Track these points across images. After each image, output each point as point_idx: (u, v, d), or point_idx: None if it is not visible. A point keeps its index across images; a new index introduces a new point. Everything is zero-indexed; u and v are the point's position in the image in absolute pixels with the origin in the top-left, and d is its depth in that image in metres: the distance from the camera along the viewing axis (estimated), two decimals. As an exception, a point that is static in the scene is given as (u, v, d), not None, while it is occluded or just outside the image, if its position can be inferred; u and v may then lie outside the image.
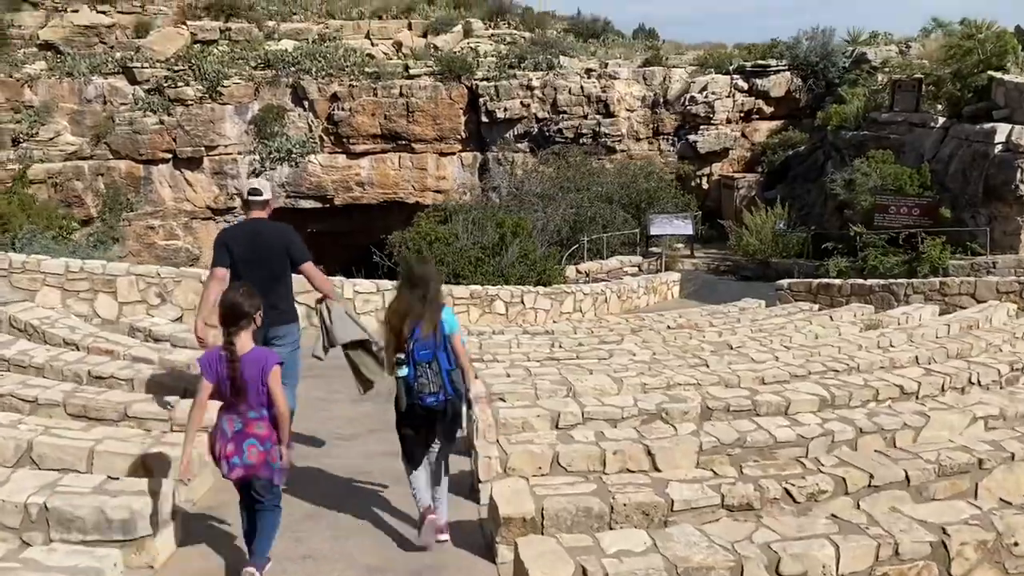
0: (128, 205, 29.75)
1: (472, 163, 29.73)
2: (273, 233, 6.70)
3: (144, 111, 29.40)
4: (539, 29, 32.12)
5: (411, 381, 5.34)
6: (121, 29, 31.06)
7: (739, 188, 28.24)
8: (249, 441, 4.89)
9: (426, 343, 5.36)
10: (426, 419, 5.44)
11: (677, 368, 9.00)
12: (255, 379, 4.88)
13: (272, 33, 31.13)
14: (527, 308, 14.27)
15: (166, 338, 9.73)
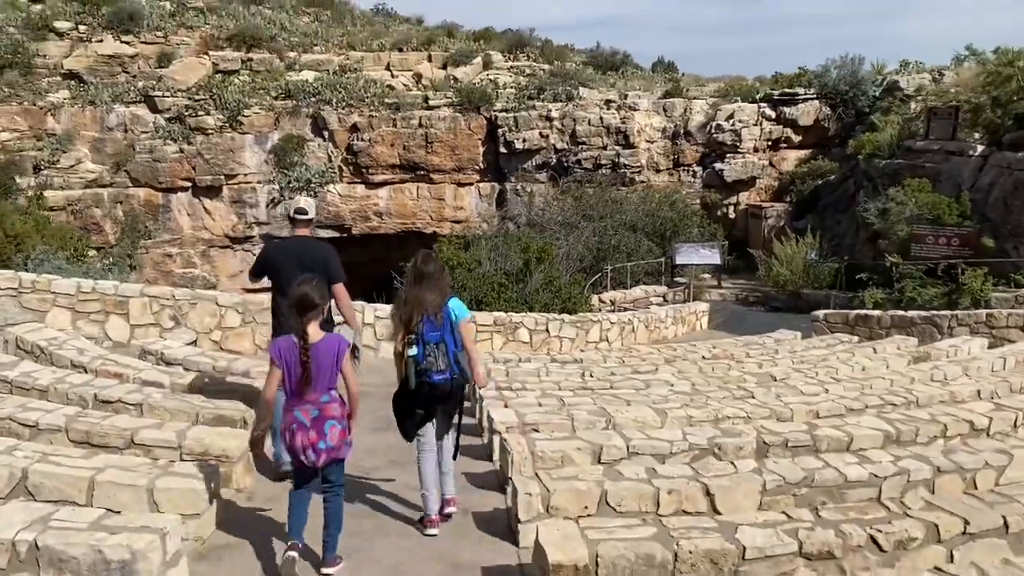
0: (146, 233, 29.34)
1: (490, 193, 29.21)
2: (316, 250, 6.97)
3: (164, 139, 29.10)
4: (558, 62, 31.72)
5: (420, 360, 5.67)
6: (144, 59, 30.83)
7: (767, 218, 27.40)
8: (330, 423, 5.04)
9: (434, 326, 5.72)
10: (430, 397, 5.73)
11: (722, 400, 8.29)
12: (329, 365, 5.05)
13: (293, 64, 30.84)
14: (552, 336, 13.59)
15: (179, 362, 9.09)
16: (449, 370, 5.71)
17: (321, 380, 5.05)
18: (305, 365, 5.00)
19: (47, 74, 30.11)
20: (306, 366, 5.00)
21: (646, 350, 11.84)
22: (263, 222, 29.58)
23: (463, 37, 33.26)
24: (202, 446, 6.31)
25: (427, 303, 5.75)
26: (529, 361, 10.72)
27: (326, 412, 5.05)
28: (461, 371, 5.79)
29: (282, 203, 29.45)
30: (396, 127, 28.71)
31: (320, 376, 5.04)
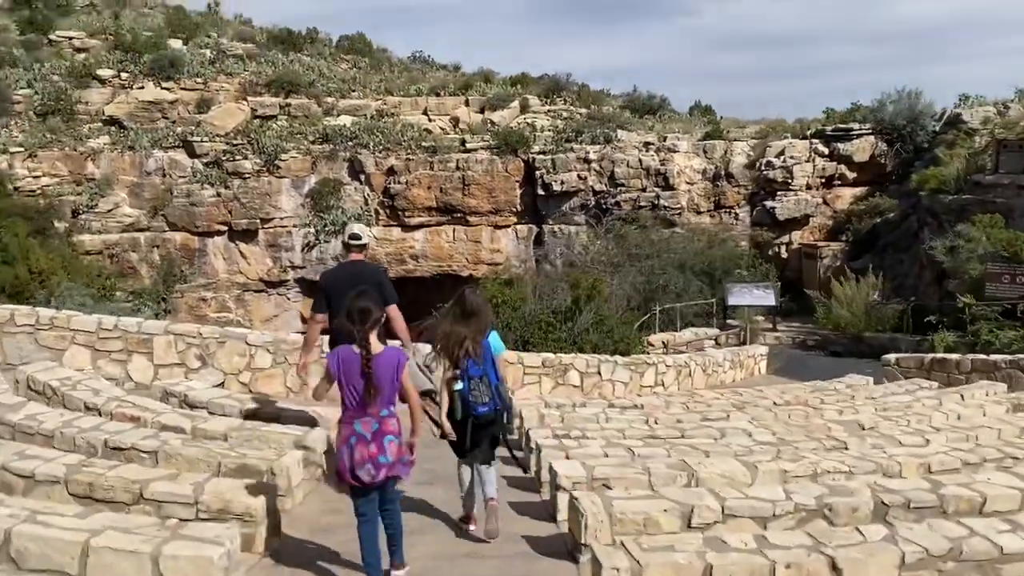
0: (181, 277, 28.75)
1: (527, 236, 28.32)
2: (369, 272, 7.06)
3: (202, 184, 28.69)
4: (595, 105, 30.98)
5: (466, 394, 5.86)
6: (183, 105, 30.56)
7: (823, 257, 25.76)
8: (388, 438, 4.90)
9: (476, 362, 5.91)
10: (476, 427, 5.93)
11: (813, 451, 7.13)
12: (389, 377, 4.90)
13: (331, 109, 30.39)
14: (604, 380, 12.44)
15: (203, 404, 8.10)
16: (492, 402, 5.90)
17: (382, 392, 4.90)
18: (368, 376, 4.84)
19: (88, 120, 29.92)
20: (369, 377, 4.84)
21: (710, 395, 10.69)
22: (298, 266, 28.88)
23: (499, 83, 32.65)
24: (222, 502, 5.30)
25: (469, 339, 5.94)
26: (584, 406, 9.60)
27: (385, 426, 4.91)
28: (503, 401, 5.99)
29: (317, 246, 28.79)
30: (433, 170, 28.02)
31: (382, 388, 4.88)
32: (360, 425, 4.89)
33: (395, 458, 4.92)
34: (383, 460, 4.86)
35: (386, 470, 4.88)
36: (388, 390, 4.93)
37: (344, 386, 4.90)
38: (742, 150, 27.12)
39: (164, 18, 34.33)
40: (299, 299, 29.51)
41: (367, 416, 4.90)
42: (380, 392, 4.87)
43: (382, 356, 4.94)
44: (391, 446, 4.90)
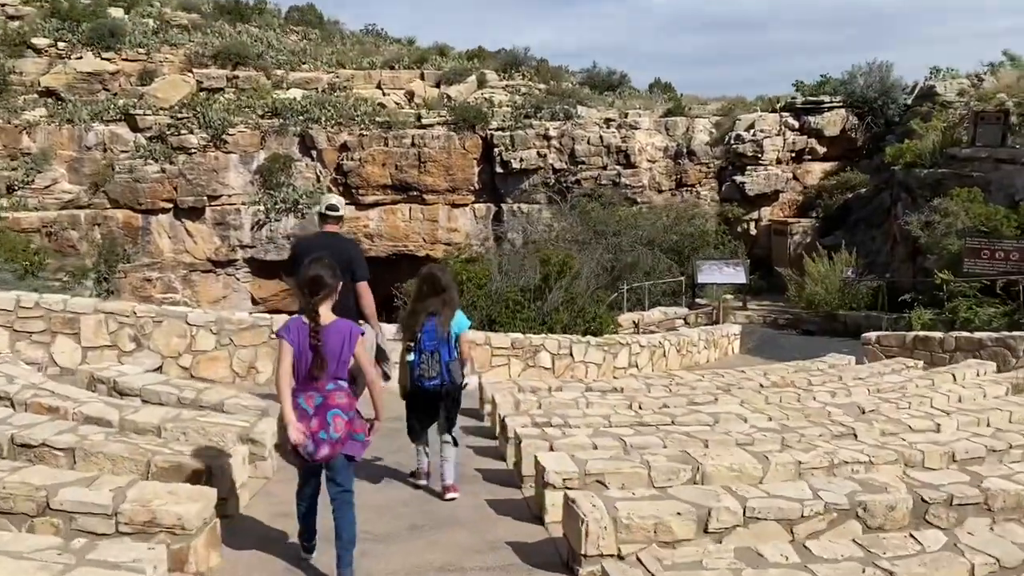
0: (125, 256, 27.25)
1: (486, 215, 27.35)
2: (342, 246, 6.90)
3: (145, 159, 27.14)
4: (554, 81, 30.03)
5: (415, 367, 5.97)
6: (125, 76, 28.91)
7: (793, 234, 25.01)
8: (333, 412, 4.57)
9: (432, 336, 5.97)
10: (425, 400, 6.08)
11: (820, 438, 6.36)
12: (337, 349, 4.61)
13: (280, 82, 28.99)
14: (576, 361, 11.66)
15: (135, 392, 7.07)
16: (440, 377, 5.97)
17: (332, 365, 4.60)
18: (316, 348, 4.54)
19: (23, 92, 28.09)
20: (317, 349, 4.54)
21: (691, 377, 9.91)
22: (247, 245, 27.57)
23: (455, 57, 31.52)
24: (148, 512, 4.33)
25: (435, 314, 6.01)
26: (561, 390, 8.76)
27: (331, 400, 4.58)
28: (451, 379, 6.00)
29: (267, 225, 27.50)
30: (388, 146, 26.87)
31: (330, 360, 4.58)
32: (303, 399, 4.56)
33: (343, 434, 4.54)
34: (323, 436, 4.49)
35: (328, 447, 4.50)
36: (335, 363, 4.61)
37: (296, 358, 4.58)
38: (704, 127, 26.43)
39: (104, -14, 32.39)
40: (248, 279, 28.24)
41: (311, 390, 4.58)
42: (326, 364, 4.56)
43: (331, 327, 4.63)
44: (337, 420, 4.54)
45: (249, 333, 9.32)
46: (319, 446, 4.48)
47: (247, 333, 9.28)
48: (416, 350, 5.97)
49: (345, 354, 4.64)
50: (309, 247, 6.70)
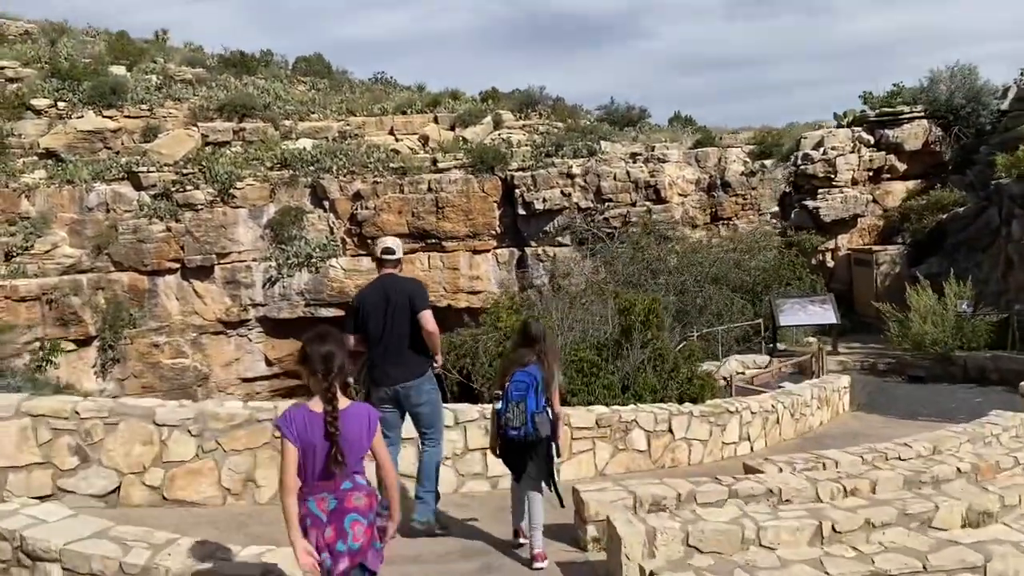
0: (130, 321, 24.83)
1: (508, 260, 24.86)
2: (400, 284, 6.60)
3: (150, 218, 24.90)
4: (571, 119, 27.70)
5: (501, 415, 5.98)
6: (128, 133, 26.82)
7: (879, 264, 21.43)
8: (351, 517, 3.85)
9: (520, 387, 5.89)
10: (512, 449, 6.00)
11: None
12: (357, 439, 3.90)
13: (289, 133, 26.83)
14: (677, 440, 8.97)
15: (52, 556, 4.37)
16: (524, 427, 5.84)
17: (352, 460, 3.89)
18: (333, 438, 3.79)
19: (22, 154, 25.95)
20: (335, 441, 3.79)
21: (846, 461, 7.16)
22: (260, 303, 25.15)
23: (469, 100, 29.29)
24: None
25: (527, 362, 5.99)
26: (697, 500, 5.95)
27: (347, 503, 3.86)
28: (536, 430, 5.85)
29: (280, 281, 25.04)
30: (403, 193, 24.52)
31: (351, 454, 3.87)
32: (314, 503, 3.83)
33: (363, 543, 3.82)
34: (341, 548, 3.78)
35: (347, 560, 3.79)
36: (355, 456, 3.89)
37: (303, 454, 3.80)
38: (738, 157, 23.92)
39: (106, 45, 30.44)
40: (262, 339, 25.72)
41: (324, 491, 3.84)
42: (346, 458, 3.82)
43: (349, 412, 3.91)
44: (355, 527, 3.83)
45: (244, 432, 6.72)
46: (337, 561, 3.81)
47: (241, 432, 6.69)
48: (504, 399, 5.93)
49: (365, 444, 3.97)
50: (367, 296, 6.55)
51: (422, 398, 6.42)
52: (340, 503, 3.84)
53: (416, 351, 6.40)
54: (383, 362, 6.42)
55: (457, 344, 13.24)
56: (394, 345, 6.35)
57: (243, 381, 25.78)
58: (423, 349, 6.40)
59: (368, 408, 4.13)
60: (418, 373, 6.40)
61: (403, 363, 6.33)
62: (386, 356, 6.40)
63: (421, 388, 6.41)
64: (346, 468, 3.86)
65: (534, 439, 5.79)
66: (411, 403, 6.42)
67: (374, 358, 6.42)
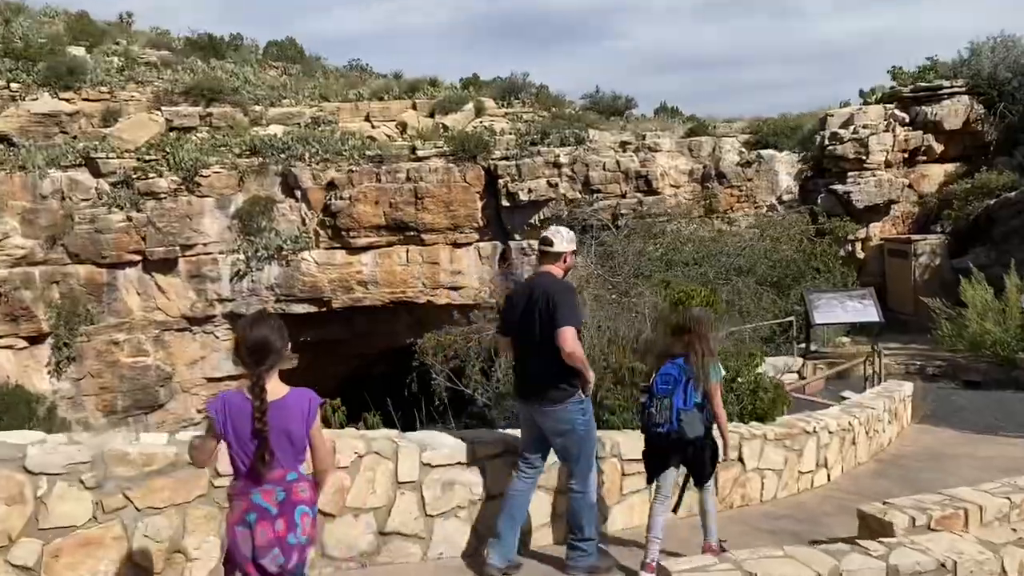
0: (88, 317, 22.49)
1: (491, 254, 22.89)
2: (547, 287, 5.36)
3: (109, 207, 22.64)
4: (556, 108, 25.68)
5: (646, 409, 5.53)
6: (86, 117, 24.38)
7: (918, 255, 19.04)
8: (300, 509, 3.56)
9: (667, 380, 5.43)
10: (658, 446, 5.50)
11: None
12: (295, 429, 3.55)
13: (259, 118, 24.62)
14: (748, 471, 7.04)
15: None
16: (667, 424, 5.39)
17: (287, 451, 3.55)
18: (260, 434, 3.45)
19: (-30, 139, 23.35)
20: (262, 434, 3.45)
21: (994, 505, 5.25)
22: (227, 298, 22.95)
23: (449, 86, 27.13)
24: None
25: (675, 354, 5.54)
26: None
27: (295, 495, 3.56)
28: (680, 429, 5.34)
29: (248, 275, 22.75)
30: (380, 182, 22.41)
31: (285, 445, 3.53)
32: (261, 496, 3.51)
33: (311, 535, 3.59)
34: (293, 540, 3.49)
35: (298, 553, 3.51)
36: (296, 447, 3.58)
37: (234, 446, 3.51)
38: (732, 147, 22.04)
39: (65, 26, 27.86)
40: (229, 337, 23.41)
41: (269, 483, 3.52)
42: (280, 451, 3.51)
43: (287, 400, 3.58)
44: (304, 520, 3.54)
45: (168, 481, 4.55)
46: (290, 555, 3.45)
47: (163, 482, 4.53)
48: (649, 393, 5.52)
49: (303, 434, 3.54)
50: (513, 293, 5.86)
51: (559, 427, 5.30)
52: (288, 495, 3.54)
53: (557, 371, 5.20)
54: (519, 376, 5.54)
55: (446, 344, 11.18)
56: (531, 358, 5.35)
57: (209, 381, 23.53)
58: (567, 369, 5.18)
59: (309, 395, 3.69)
60: (555, 399, 5.25)
61: (539, 382, 5.29)
62: (523, 370, 5.48)
63: (559, 416, 5.26)
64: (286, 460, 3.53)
65: (678, 439, 5.27)
66: (548, 431, 5.38)
67: (514, 368, 5.65)
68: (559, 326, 5.10)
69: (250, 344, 3.58)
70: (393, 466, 5.27)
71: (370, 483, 5.15)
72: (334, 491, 4.70)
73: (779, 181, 21.53)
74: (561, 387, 5.25)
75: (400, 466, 5.30)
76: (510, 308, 5.57)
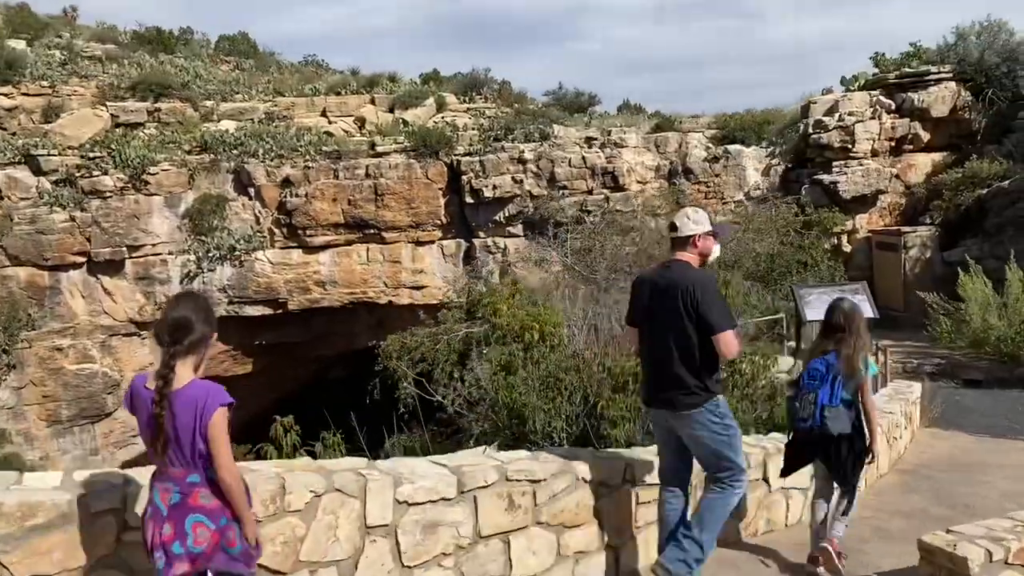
0: (29, 323, 20.86)
1: (455, 252, 21.75)
2: (678, 277, 4.62)
3: (51, 206, 21.16)
4: (518, 105, 24.62)
5: (792, 403, 5.32)
6: (26, 113, 22.74)
7: (908, 247, 17.93)
8: (194, 518, 3.15)
9: (814, 375, 5.18)
10: (799, 441, 5.30)
11: None
12: (189, 426, 3.10)
13: (210, 114, 23.19)
14: (774, 492, 6.14)
15: None
16: (811, 419, 5.09)
17: (185, 448, 3.11)
18: (158, 419, 3.09)
19: (-99, 137, 21.53)
20: (159, 420, 3.09)
21: None
22: (177, 301, 21.22)
23: (408, 82, 25.88)
24: None
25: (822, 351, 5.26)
26: None
27: (192, 500, 3.16)
28: (823, 424, 5.02)
29: (199, 276, 21.28)
30: (338, 179, 21.19)
31: (183, 441, 3.09)
32: (157, 494, 3.20)
33: (207, 547, 3.12)
34: (179, 550, 3.10)
35: (187, 564, 3.09)
36: (188, 443, 3.12)
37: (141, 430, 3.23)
38: (699, 142, 21.21)
39: (3, 18, 26.03)
40: (180, 341, 21.80)
41: (168, 480, 3.18)
42: (168, 445, 3.12)
43: (186, 391, 3.14)
44: (197, 529, 3.12)
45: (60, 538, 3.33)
46: (172, 562, 3.07)
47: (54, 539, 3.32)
48: (796, 387, 5.27)
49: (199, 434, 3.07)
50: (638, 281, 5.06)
51: (697, 432, 4.63)
52: (184, 498, 3.16)
53: (697, 370, 4.57)
54: (651, 378, 4.82)
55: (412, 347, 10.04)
56: (658, 356, 4.66)
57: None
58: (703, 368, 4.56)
59: (207, 389, 3.15)
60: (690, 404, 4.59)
61: (670, 384, 4.62)
62: (651, 369, 4.81)
63: (695, 420, 4.59)
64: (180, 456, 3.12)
65: (820, 435, 5.01)
66: (684, 436, 4.73)
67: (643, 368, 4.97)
68: (715, 330, 4.46)
69: (170, 322, 3.25)
70: (360, 507, 4.10)
71: (331, 529, 4.00)
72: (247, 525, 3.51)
73: (747, 176, 20.78)
74: (701, 389, 4.61)
75: (369, 506, 4.13)
76: (637, 296, 4.96)
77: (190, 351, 3.20)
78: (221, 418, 3.13)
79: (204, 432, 3.10)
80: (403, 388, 9.00)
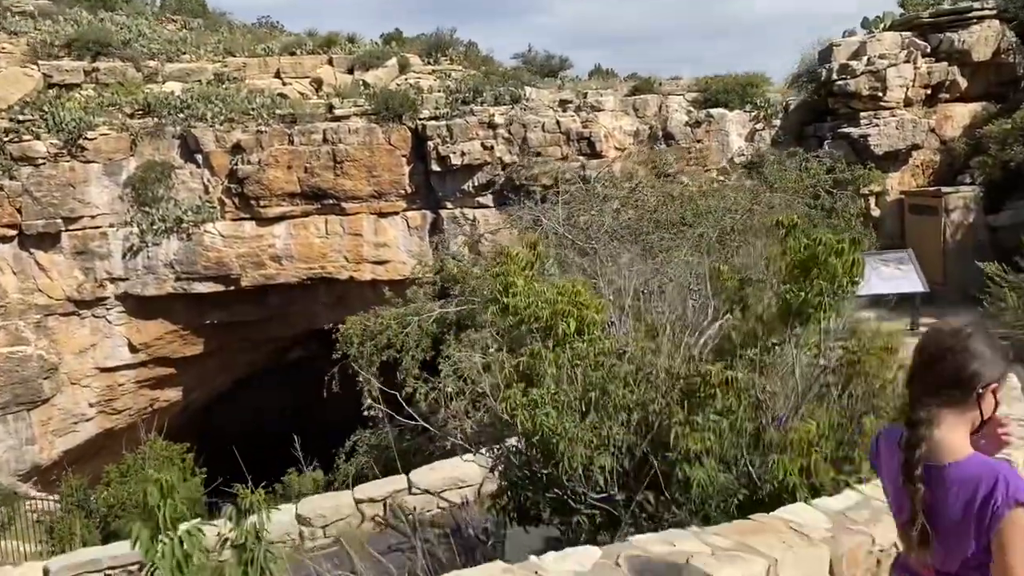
0: (-47, 301, 18.63)
1: (421, 224, 20.06)
2: None
3: (-25, 175, 18.57)
4: (486, 67, 22.78)
5: None
6: (-53, 72, 20.10)
7: (950, 211, 15.44)
8: None
9: None
10: None
11: None
12: (965, 517, 2.17)
13: (154, 74, 21.10)
14: None
15: None
16: None
17: (949, 541, 2.21)
18: (913, 501, 2.21)
19: None
20: (914, 504, 2.21)
21: None
22: (120, 277, 19.60)
23: (368, 43, 23.88)
24: None
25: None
26: None
27: None
28: None
29: (144, 251, 19.30)
30: (293, 144, 19.32)
31: (945, 532, 2.20)
32: None
33: None
34: None
35: None
36: (962, 540, 2.25)
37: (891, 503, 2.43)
38: (680, 106, 19.61)
39: (-76, -31, 23.38)
40: (124, 321, 20.12)
41: None
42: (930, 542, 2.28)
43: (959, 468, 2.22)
44: None
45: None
46: None
47: None
48: None
49: (980, 531, 2.12)
50: None
51: None
52: None
53: None
54: None
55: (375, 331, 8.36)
56: None
57: (102, 371, 20.13)
58: None
59: (999, 469, 2.21)
60: None
61: None
62: None
63: None
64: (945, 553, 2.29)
65: None
66: None
67: None
68: None
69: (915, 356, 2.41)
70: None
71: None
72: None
73: (730, 142, 19.27)
74: None
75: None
76: None
77: (947, 402, 2.29)
78: (1017, 520, 2.14)
79: (989, 531, 2.16)
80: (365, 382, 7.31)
